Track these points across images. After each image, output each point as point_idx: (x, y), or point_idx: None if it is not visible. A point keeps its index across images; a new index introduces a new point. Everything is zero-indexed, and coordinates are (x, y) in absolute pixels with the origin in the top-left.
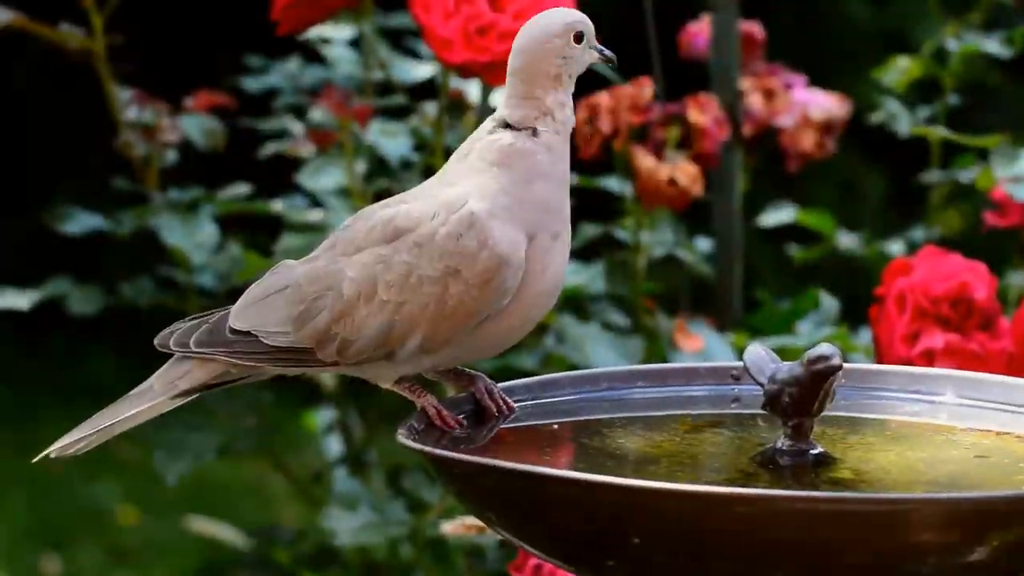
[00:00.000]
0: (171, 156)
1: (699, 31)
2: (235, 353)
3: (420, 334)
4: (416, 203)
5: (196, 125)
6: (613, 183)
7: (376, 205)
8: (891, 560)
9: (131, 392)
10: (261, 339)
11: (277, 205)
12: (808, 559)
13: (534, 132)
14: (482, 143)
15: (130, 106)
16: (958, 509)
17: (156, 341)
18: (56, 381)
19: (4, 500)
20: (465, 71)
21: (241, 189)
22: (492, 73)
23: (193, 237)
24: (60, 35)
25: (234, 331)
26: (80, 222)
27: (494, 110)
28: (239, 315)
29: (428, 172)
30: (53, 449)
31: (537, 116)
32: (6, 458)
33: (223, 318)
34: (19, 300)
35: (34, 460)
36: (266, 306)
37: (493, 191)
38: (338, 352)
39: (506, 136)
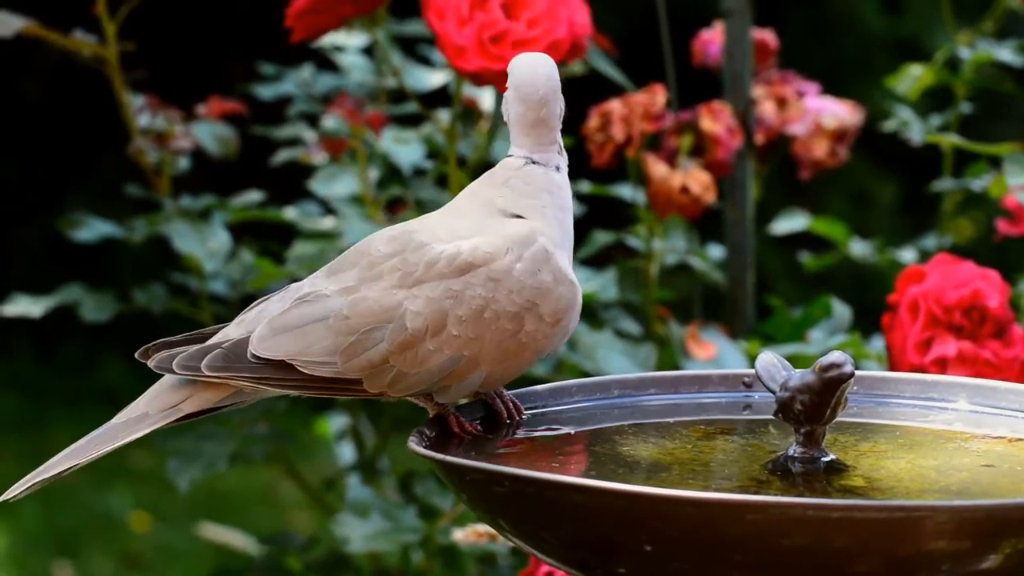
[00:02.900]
0: (183, 163)
1: (712, 39)
2: (263, 379)
3: (485, 370)
4: (481, 237)
5: (209, 132)
6: (625, 191)
7: (404, 230)
8: (903, 568)
9: (118, 418)
10: (299, 368)
11: (290, 213)
12: (820, 567)
13: (557, 168)
14: (521, 174)
15: (142, 113)
16: (970, 517)
17: (153, 364)
18: (68, 388)
19: (17, 507)
20: (479, 79)
21: (253, 196)
22: (505, 81)
23: (205, 244)
24: (73, 42)
25: (259, 358)
26: (93, 229)
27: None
28: (267, 343)
29: (441, 180)
30: (11, 493)
31: (559, 151)
32: (19, 465)
33: (240, 343)
34: (32, 308)
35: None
36: (304, 335)
37: (550, 224)
38: (389, 384)
39: (539, 169)
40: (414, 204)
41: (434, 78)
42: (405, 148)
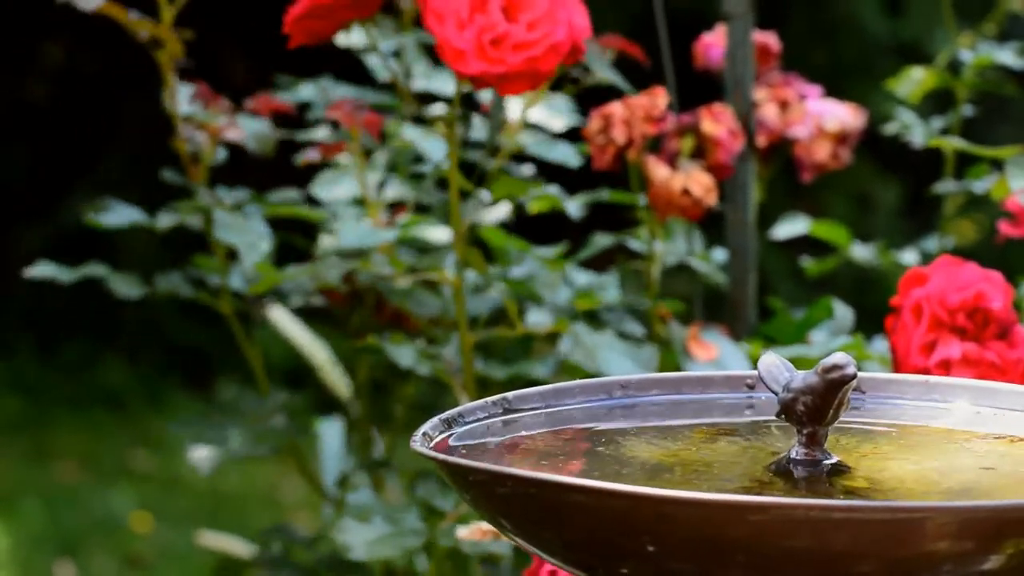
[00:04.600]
0: (221, 155)
1: (713, 42)
2: None
3: None
4: None
5: (249, 129)
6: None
7: None
8: (905, 569)
9: None
10: None
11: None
12: (822, 567)
13: None
14: None
15: (193, 101)
16: (973, 518)
17: None
18: (71, 389)
19: (19, 507)
20: (479, 82)
21: (291, 194)
22: (506, 84)
23: (248, 235)
24: (133, 23)
25: None
26: (119, 214)
27: (537, 126)
28: None
29: (442, 183)
30: None
31: None
32: (21, 466)
33: None
34: (60, 274)
35: None
36: None
37: None
38: None
39: None
40: (414, 207)
41: (450, 85)
42: (435, 142)
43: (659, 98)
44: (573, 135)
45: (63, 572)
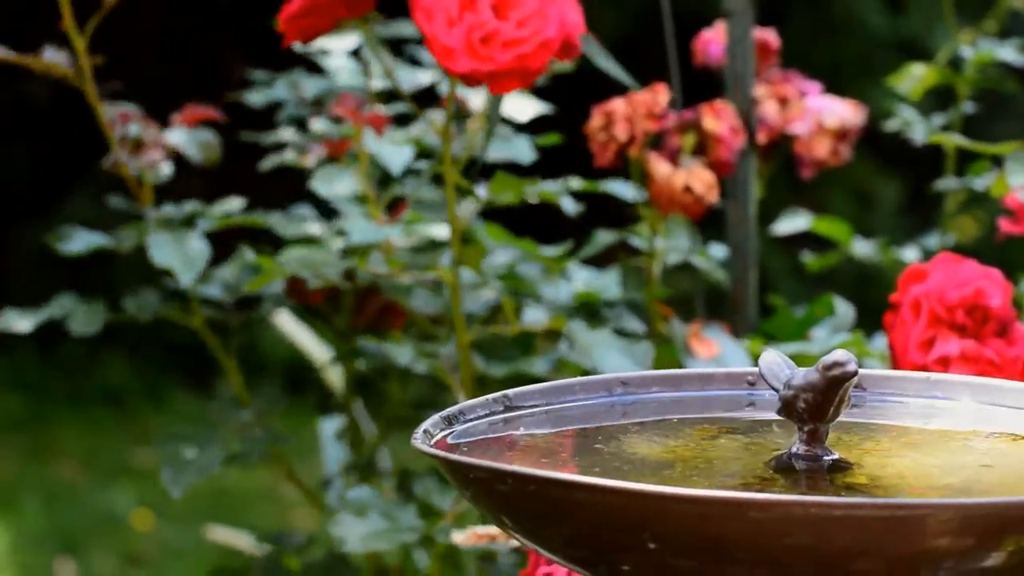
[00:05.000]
0: (165, 172)
1: (713, 39)
2: None
3: None
4: None
5: (190, 139)
6: (619, 187)
7: None
8: (905, 565)
9: None
10: None
11: (273, 219)
12: (823, 564)
13: None
14: None
15: (117, 125)
16: (974, 515)
17: None
18: (71, 387)
19: (19, 505)
20: (469, 80)
21: (235, 203)
22: (496, 82)
23: (183, 254)
24: (41, 64)
25: None
26: (82, 240)
27: (502, 118)
28: None
29: (437, 180)
30: None
31: None
32: (22, 463)
33: None
34: (21, 323)
35: None
36: None
37: None
38: None
39: None
40: (413, 204)
41: (421, 78)
42: (394, 149)
43: (660, 95)
44: (549, 124)
45: (64, 570)
